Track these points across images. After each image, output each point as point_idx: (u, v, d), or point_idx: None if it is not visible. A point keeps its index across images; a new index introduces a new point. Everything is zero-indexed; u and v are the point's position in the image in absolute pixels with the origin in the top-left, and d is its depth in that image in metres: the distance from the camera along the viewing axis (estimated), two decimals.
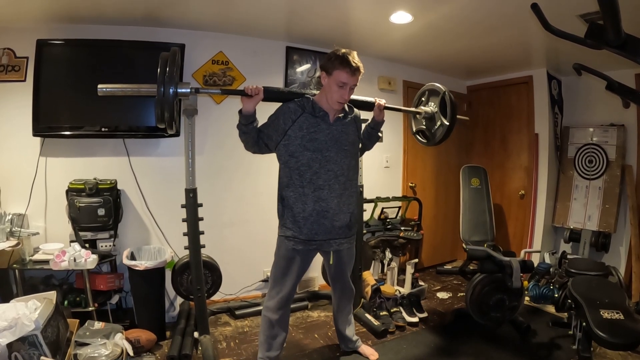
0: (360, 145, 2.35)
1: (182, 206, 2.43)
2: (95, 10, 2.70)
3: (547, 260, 3.87)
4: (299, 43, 3.53)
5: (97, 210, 2.69)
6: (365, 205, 3.48)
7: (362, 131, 2.36)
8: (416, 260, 3.57)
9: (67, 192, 2.71)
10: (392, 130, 4.21)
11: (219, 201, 3.28)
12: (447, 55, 3.81)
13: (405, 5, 2.67)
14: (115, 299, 2.77)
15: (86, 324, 2.29)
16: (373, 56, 3.95)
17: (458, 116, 2.37)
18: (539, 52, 3.61)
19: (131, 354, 2.24)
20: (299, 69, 3.58)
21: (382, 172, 4.13)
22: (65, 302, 2.56)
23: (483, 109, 4.73)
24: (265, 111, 2.15)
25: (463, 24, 2.95)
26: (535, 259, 3.93)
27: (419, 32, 3.17)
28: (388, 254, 3.66)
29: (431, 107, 2.49)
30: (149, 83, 1.87)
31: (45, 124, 2.72)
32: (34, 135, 2.72)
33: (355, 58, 1.99)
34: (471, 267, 3.12)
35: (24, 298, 2.03)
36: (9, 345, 1.68)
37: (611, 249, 3.77)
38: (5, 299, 2.04)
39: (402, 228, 3.81)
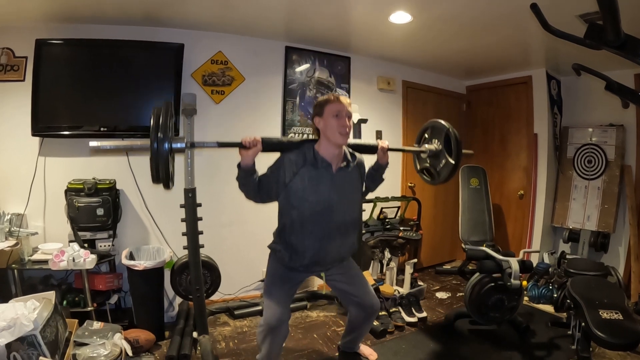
0: (363, 188, 2.29)
1: (181, 206, 2.43)
2: (95, 10, 2.70)
3: (546, 260, 3.87)
4: (298, 43, 3.53)
5: (96, 210, 2.69)
6: (365, 205, 3.48)
7: (365, 174, 2.27)
8: (415, 260, 3.57)
9: (66, 192, 2.70)
10: (392, 130, 4.21)
11: (218, 201, 3.27)
12: (447, 55, 3.82)
13: (405, 5, 2.67)
14: (114, 298, 2.77)
15: (85, 324, 2.28)
16: (372, 56, 3.95)
17: (463, 150, 2.31)
18: (538, 52, 3.62)
19: (130, 354, 2.23)
20: (298, 69, 3.58)
21: None
22: (64, 302, 2.56)
23: (482, 109, 4.73)
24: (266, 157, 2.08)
25: (462, 24, 2.95)
26: (534, 259, 3.93)
27: (418, 32, 3.17)
28: (387, 254, 3.66)
29: (435, 144, 2.38)
30: (148, 82, 1.86)
31: (44, 124, 2.72)
32: (33, 135, 2.72)
33: (338, 94, 2.02)
34: (470, 267, 3.12)
35: (23, 298, 2.03)
36: (8, 345, 1.68)
37: (610, 249, 3.77)
38: (4, 299, 2.03)
39: (401, 228, 3.81)
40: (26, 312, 1.78)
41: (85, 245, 2.67)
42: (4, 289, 2.49)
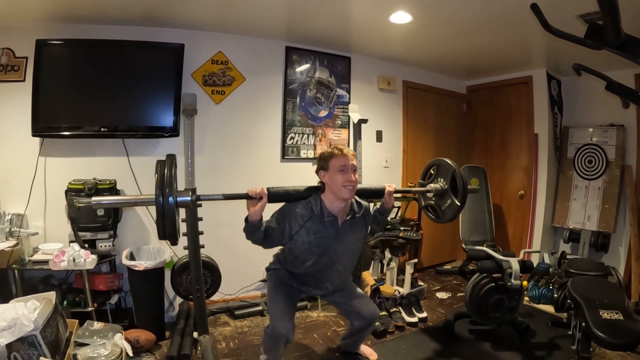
0: (367, 231, 2.31)
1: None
2: (95, 10, 2.70)
3: (547, 261, 3.86)
4: (298, 43, 3.53)
5: (97, 211, 2.69)
6: None
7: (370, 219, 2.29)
8: (415, 260, 3.57)
9: (66, 192, 2.70)
10: (392, 131, 4.21)
11: (218, 201, 3.26)
12: (447, 55, 3.81)
13: (405, 5, 2.67)
14: (114, 299, 2.77)
15: (85, 324, 2.29)
16: (372, 56, 3.95)
17: (469, 187, 2.30)
18: (539, 52, 3.61)
19: (130, 354, 2.23)
20: (299, 69, 3.58)
21: (381, 172, 4.13)
22: (65, 302, 2.56)
23: (482, 109, 4.73)
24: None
25: (462, 24, 2.95)
26: (535, 259, 3.92)
27: (418, 32, 3.17)
28: (387, 254, 3.66)
29: (441, 183, 2.36)
30: (148, 82, 1.85)
31: (45, 124, 2.72)
32: (33, 135, 2.72)
33: (342, 147, 2.04)
34: (470, 267, 3.11)
35: (23, 298, 2.03)
36: (8, 346, 1.68)
37: (610, 249, 3.77)
38: (5, 299, 2.04)
39: (402, 228, 3.80)
40: (27, 312, 1.78)
41: (86, 245, 2.67)
42: (4, 289, 2.49)
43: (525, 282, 2.67)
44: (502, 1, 2.51)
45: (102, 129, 2.82)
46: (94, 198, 1.76)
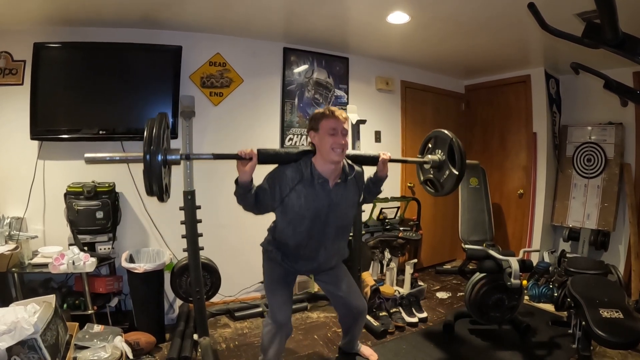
0: (360, 199, 2.26)
1: (181, 208, 2.43)
2: (93, 13, 2.70)
3: (546, 260, 3.86)
4: (296, 44, 3.53)
5: (96, 213, 2.69)
6: (364, 206, 3.48)
7: (364, 186, 2.24)
8: (415, 260, 3.57)
9: (65, 195, 2.70)
10: (390, 131, 4.21)
11: (217, 203, 3.26)
12: (445, 55, 3.82)
13: (402, 6, 2.67)
14: (114, 301, 2.77)
15: (85, 327, 2.29)
16: (370, 56, 3.95)
17: (468, 161, 2.28)
18: (537, 51, 3.62)
19: (130, 356, 2.24)
20: (297, 70, 3.58)
21: None
22: (65, 305, 2.56)
23: (481, 108, 4.74)
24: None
25: (460, 23, 2.95)
26: (535, 258, 3.93)
27: (416, 32, 3.17)
28: (387, 255, 3.66)
29: (439, 155, 2.34)
30: (146, 85, 1.84)
31: (43, 127, 2.72)
32: (32, 138, 2.72)
33: (335, 108, 2.00)
34: (470, 267, 3.11)
35: (23, 302, 2.02)
36: (9, 349, 1.68)
37: (610, 247, 3.77)
38: (5, 303, 2.03)
39: (401, 228, 3.81)
40: (27, 316, 1.78)
41: (85, 248, 2.68)
42: (4, 293, 2.49)
43: (525, 282, 2.67)
44: (500, 1, 2.51)
45: (100, 132, 2.82)
46: (86, 154, 1.75)
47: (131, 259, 2.84)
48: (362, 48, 3.70)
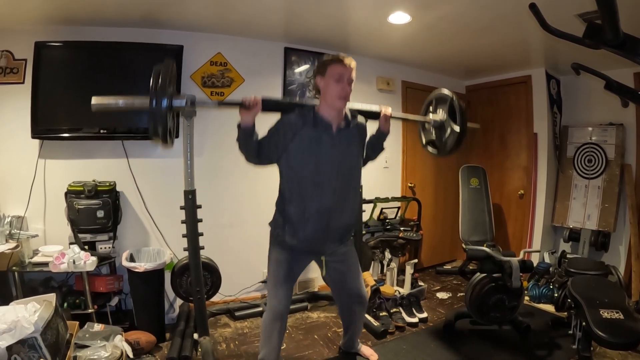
0: (364, 155, 2.25)
1: (181, 208, 2.42)
2: (94, 12, 2.70)
3: (547, 260, 3.87)
4: (297, 44, 3.53)
5: (96, 212, 2.69)
6: (365, 206, 3.48)
7: (366, 141, 2.25)
8: (415, 260, 3.57)
9: (66, 194, 2.70)
10: (391, 131, 4.18)
11: (218, 202, 3.27)
12: (446, 55, 3.82)
13: (404, 6, 2.67)
14: (114, 300, 2.77)
15: (86, 326, 2.29)
16: (371, 57, 3.95)
17: (469, 124, 2.29)
18: (538, 51, 3.62)
19: (131, 355, 2.24)
20: (298, 70, 3.58)
21: (381, 173, 4.13)
22: (65, 304, 2.56)
23: (482, 108, 4.73)
24: (266, 122, 2.09)
25: (461, 23, 2.95)
26: (535, 259, 3.93)
27: (417, 33, 3.17)
28: (387, 255, 3.66)
29: (440, 114, 2.38)
30: (147, 84, 1.84)
31: (44, 126, 2.72)
32: (33, 137, 2.72)
33: (345, 55, 2.00)
34: (471, 267, 3.12)
35: (24, 300, 2.02)
36: (9, 348, 1.68)
37: (611, 248, 3.77)
38: (5, 302, 2.03)
39: (402, 228, 3.81)
40: (27, 315, 1.78)
41: (86, 247, 2.68)
42: (4, 292, 2.49)
43: (525, 282, 2.67)
44: (501, 1, 2.51)
45: (101, 131, 2.83)
46: (94, 99, 1.73)
47: (132, 258, 2.85)
48: (363, 48, 3.70)
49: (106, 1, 2.55)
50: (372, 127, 2.27)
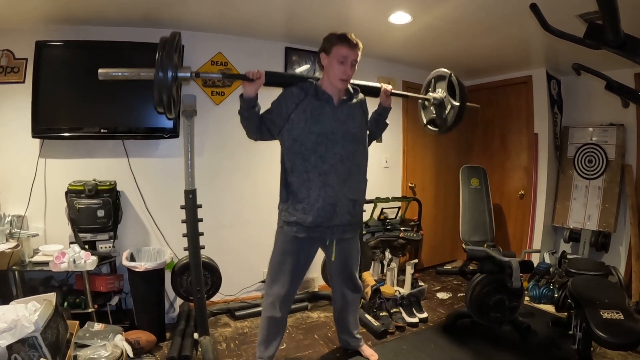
0: (367, 132, 2.26)
1: (182, 207, 2.43)
2: (94, 12, 2.70)
3: (547, 260, 3.87)
4: (297, 44, 3.53)
5: (97, 212, 2.69)
6: (365, 206, 3.46)
7: (369, 118, 2.28)
8: (416, 260, 3.57)
9: (66, 193, 2.70)
10: (392, 131, 4.20)
11: (218, 202, 3.28)
12: (447, 56, 3.81)
13: (405, 6, 2.67)
14: (115, 300, 2.77)
15: (86, 326, 2.29)
16: (372, 57, 3.94)
17: (468, 103, 2.33)
18: (538, 52, 3.61)
19: (131, 355, 2.24)
20: (298, 70, 3.58)
21: (381, 173, 4.13)
22: (65, 304, 2.56)
23: (482, 109, 4.71)
24: (268, 97, 2.12)
25: (462, 24, 2.95)
26: (535, 259, 3.93)
27: (418, 33, 3.17)
28: (388, 255, 3.66)
29: (439, 92, 2.44)
30: (148, 84, 1.85)
31: (45, 126, 2.72)
32: (33, 136, 2.72)
33: (352, 35, 2.02)
34: (471, 268, 3.12)
35: (24, 300, 2.03)
36: (9, 347, 1.68)
37: (611, 248, 3.77)
38: (5, 301, 2.04)
39: (402, 228, 3.81)
40: (27, 314, 1.78)
41: (86, 246, 2.67)
42: (4, 291, 2.49)
43: (525, 282, 2.67)
44: (502, 1, 2.51)
45: (102, 130, 2.82)
46: (101, 69, 1.77)
47: (132, 258, 2.85)
48: (363, 48, 3.63)
49: (107, 1, 2.55)
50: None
